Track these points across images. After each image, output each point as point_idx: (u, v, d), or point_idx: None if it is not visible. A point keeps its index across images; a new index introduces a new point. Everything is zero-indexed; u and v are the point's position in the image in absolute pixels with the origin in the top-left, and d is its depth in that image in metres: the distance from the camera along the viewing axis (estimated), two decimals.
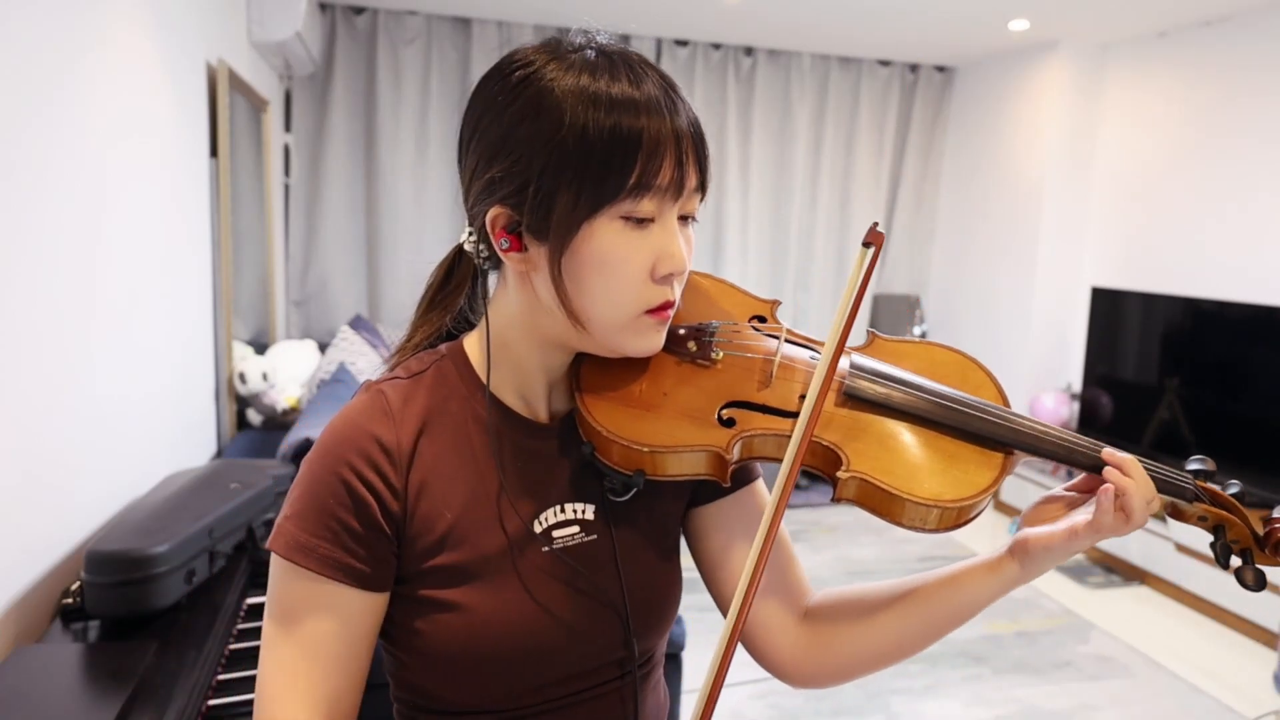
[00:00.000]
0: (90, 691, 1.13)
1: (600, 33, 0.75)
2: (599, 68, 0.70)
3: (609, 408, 0.77)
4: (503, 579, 0.75)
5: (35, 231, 1.42)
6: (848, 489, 0.74)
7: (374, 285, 4.52)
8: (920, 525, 0.74)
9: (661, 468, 0.76)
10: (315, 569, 0.71)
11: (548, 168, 0.68)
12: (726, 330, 0.83)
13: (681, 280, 0.76)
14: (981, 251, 4.94)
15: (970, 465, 0.76)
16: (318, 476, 0.73)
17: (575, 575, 0.77)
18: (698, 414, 0.77)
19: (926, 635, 0.80)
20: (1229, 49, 3.79)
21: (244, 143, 3.18)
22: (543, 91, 0.69)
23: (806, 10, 4.01)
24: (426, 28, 4.40)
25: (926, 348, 0.87)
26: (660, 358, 0.81)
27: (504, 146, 0.71)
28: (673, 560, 0.84)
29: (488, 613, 0.74)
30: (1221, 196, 3.81)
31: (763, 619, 0.86)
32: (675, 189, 0.71)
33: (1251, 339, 3.59)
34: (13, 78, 1.34)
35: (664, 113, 0.69)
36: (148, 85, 2.04)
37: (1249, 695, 2.85)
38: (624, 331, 0.74)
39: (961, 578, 0.79)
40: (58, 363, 1.51)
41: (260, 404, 3.02)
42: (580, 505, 0.80)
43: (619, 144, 0.67)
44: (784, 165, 4.99)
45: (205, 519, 1.49)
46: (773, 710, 2.65)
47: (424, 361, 0.81)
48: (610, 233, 0.70)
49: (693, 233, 0.77)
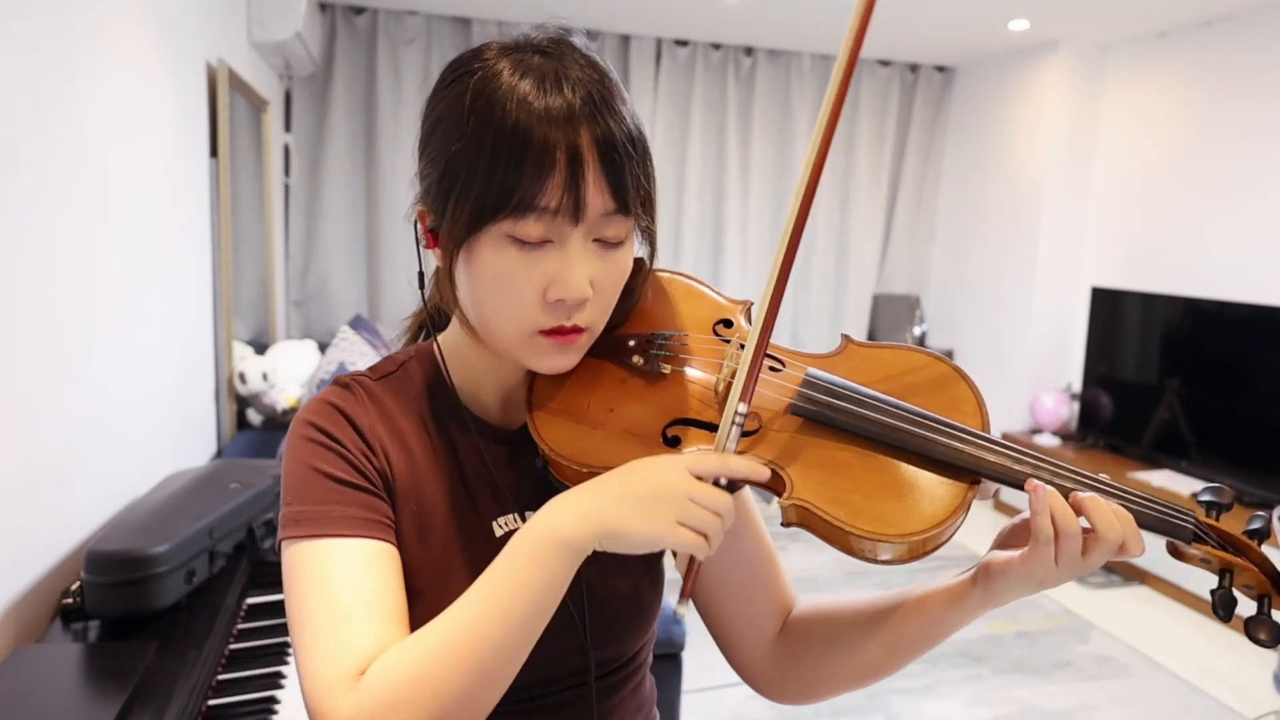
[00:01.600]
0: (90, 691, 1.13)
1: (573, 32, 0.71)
2: (526, 69, 0.65)
3: (557, 424, 0.73)
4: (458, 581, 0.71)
5: (35, 231, 1.42)
6: (790, 514, 0.69)
7: (374, 285, 4.52)
8: (871, 558, 0.69)
9: None
10: (333, 532, 0.68)
11: (446, 172, 0.66)
12: (674, 342, 0.78)
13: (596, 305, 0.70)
14: (981, 251, 4.94)
15: (928, 493, 0.69)
16: (300, 451, 0.72)
17: None
18: (643, 432, 0.73)
19: (894, 658, 0.78)
20: (1229, 49, 3.79)
21: (244, 143, 3.18)
22: (462, 92, 0.66)
23: (806, 10, 4.01)
24: (426, 28, 4.40)
25: (904, 354, 0.79)
26: (609, 370, 0.76)
27: (427, 143, 0.70)
28: (640, 570, 0.81)
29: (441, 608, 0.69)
30: (1221, 196, 3.81)
31: (743, 630, 0.85)
32: (571, 213, 0.64)
33: (1251, 339, 3.59)
34: (13, 78, 1.34)
35: (561, 126, 0.63)
36: (148, 85, 2.04)
37: (1249, 695, 2.85)
38: (520, 347, 0.70)
39: (926, 601, 0.76)
40: (58, 362, 1.51)
41: (260, 404, 3.02)
42: None
43: (504, 153, 0.63)
44: (784, 165, 4.99)
45: (205, 519, 1.49)
46: (773, 710, 2.65)
47: (394, 362, 0.81)
48: (496, 249, 0.66)
49: (620, 257, 0.70)
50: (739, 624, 0.84)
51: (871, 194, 5.17)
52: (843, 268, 5.21)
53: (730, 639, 0.85)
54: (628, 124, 0.67)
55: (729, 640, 0.86)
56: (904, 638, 0.77)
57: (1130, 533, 0.66)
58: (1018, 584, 0.69)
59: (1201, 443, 3.76)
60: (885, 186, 5.21)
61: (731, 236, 4.93)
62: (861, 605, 0.80)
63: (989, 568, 0.72)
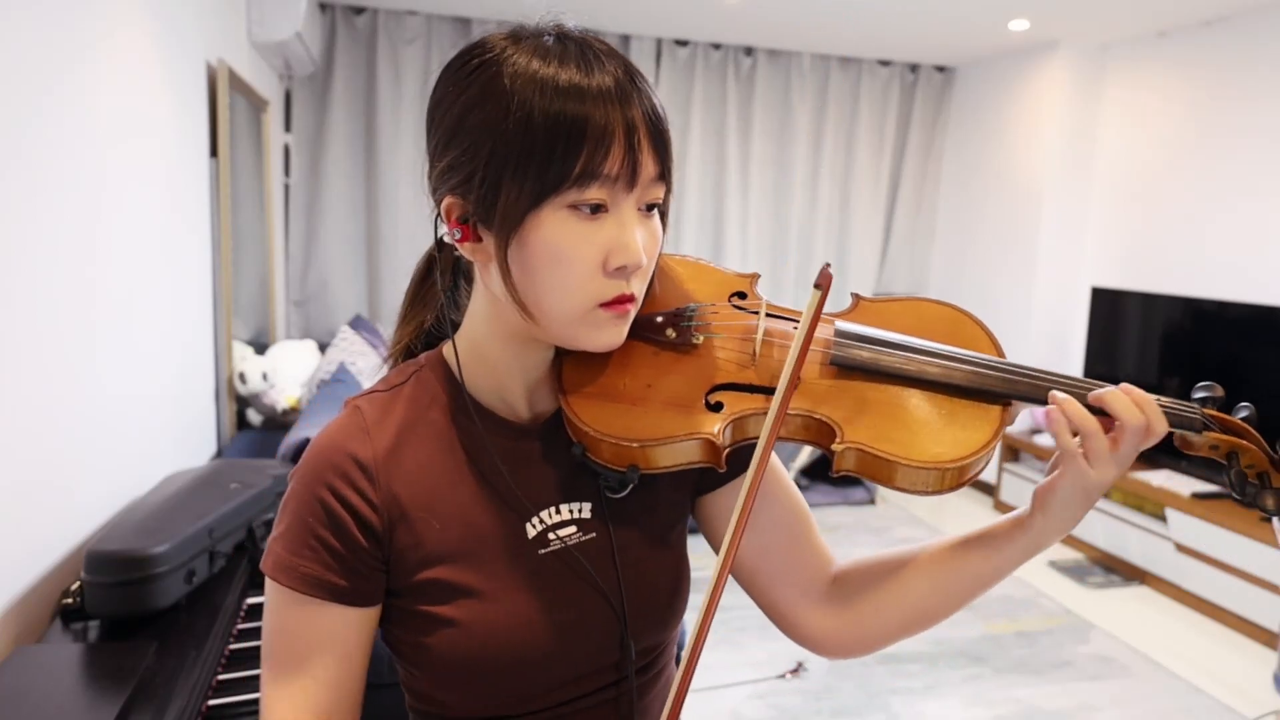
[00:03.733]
0: (90, 691, 1.13)
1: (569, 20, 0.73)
2: (552, 54, 0.67)
3: (594, 406, 0.75)
4: (499, 587, 0.74)
5: (35, 231, 1.42)
6: (845, 460, 0.73)
7: (374, 285, 4.52)
8: (922, 488, 0.73)
9: (654, 461, 0.74)
10: (299, 588, 0.72)
11: (493, 156, 0.67)
12: (704, 312, 0.80)
13: (643, 273, 0.73)
14: (981, 251, 4.94)
15: (968, 422, 0.74)
16: (299, 496, 0.74)
17: (574, 575, 0.76)
18: (684, 402, 0.75)
19: (952, 600, 0.80)
20: (1229, 49, 3.79)
21: (244, 143, 3.18)
22: (493, 78, 0.67)
23: (806, 10, 4.01)
24: (426, 28, 4.40)
25: (914, 304, 0.84)
26: (640, 348, 0.78)
27: (456, 134, 0.70)
28: (676, 551, 0.83)
29: (487, 624, 0.73)
30: (1221, 196, 3.81)
31: (790, 592, 0.85)
32: (628, 178, 0.68)
33: (1251, 339, 3.59)
34: (13, 77, 1.34)
35: (615, 100, 0.66)
36: (148, 85, 2.03)
37: (1249, 695, 2.85)
38: (578, 325, 0.71)
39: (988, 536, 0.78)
40: (58, 362, 1.51)
41: (260, 404, 3.02)
42: (575, 504, 0.79)
43: (563, 131, 0.65)
44: (784, 165, 4.99)
45: (205, 519, 1.49)
46: (773, 710, 2.65)
47: (404, 373, 0.81)
48: (557, 223, 0.67)
49: (658, 224, 0.74)
50: (785, 584, 0.85)
51: (871, 194, 5.16)
52: (843, 268, 5.21)
53: (777, 602, 0.86)
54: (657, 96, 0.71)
55: (776, 603, 0.86)
56: (965, 576, 0.79)
57: (1152, 413, 0.72)
58: (1068, 498, 0.73)
59: None
60: (885, 186, 5.21)
61: (731, 236, 4.93)
62: (917, 550, 0.82)
63: (1038, 494, 0.75)
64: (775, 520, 0.85)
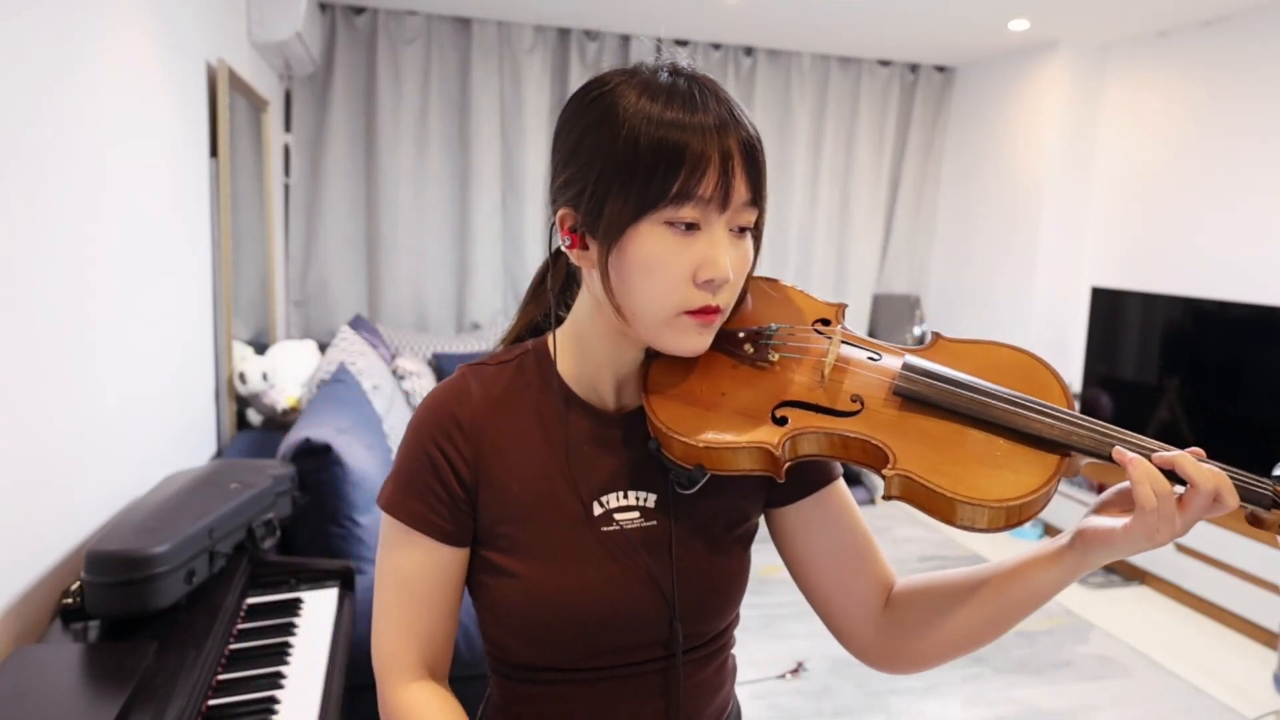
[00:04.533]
0: (90, 691, 1.13)
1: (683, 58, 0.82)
2: (660, 90, 0.76)
3: (671, 406, 0.82)
4: (559, 551, 0.83)
5: (35, 231, 1.42)
6: (894, 486, 0.76)
7: (374, 285, 4.52)
8: (970, 524, 0.75)
9: (718, 463, 0.79)
10: (406, 521, 0.84)
11: (603, 174, 0.76)
12: (783, 333, 0.87)
13: (730, 288, 0.80)
14: (981, 251, 4.94)
15: (1022, 466, 0.76)
16: (409, 445, 0.86)
17: (629, 556, 0.84)
18: (753, 412, 0.81)
19: (996, 625, 0.84)
20: (1229, 49, 3.79)
21: (244, 143, 3.18)
22: (609, 108, 0.76)
23: (806, 10, 4.01)
24: (426, 28, 4.40)
25: (991, 349, 0.87)
26: (720, 360, 0.85)
27: (574, 154, 0.79)
28: (733, 553, 0.89)
29: (542, 580, 0.82)
30: (1221, 196, 3.81)
31: (849, 607, 0.91)
32: (720, 200, 0.76)
33: (1251, 339, 3.59)
34: (13, 77, 1.34)
35: (713, 133, 0.74)
36: (148, 85, 2.03)
37: (1249, 695, 2.85)
38: (664, 329, 0.79)
39: (1024, 567, 0.81)
40: (58, 363, 1.51)
41: (260, 404, 3.02)
42: (643, 494, 0.86)
43: (664, 155, 0.73)
44: (784, 165, 4.99)
45: (205, 519, 1.49)
46: (773, 710, 2.65)
47: (511, 353, 0.91)
48: (654, 236, 0.76)
49: (749, 246, 0.82)
50: (844, 602, 0.91)
51: (871, 194, 5.16)
52: (843, 268, 5.21)
53: (836, 616, 0.92)
54: (755, 129, 0.79)
55: (835, 617, 0.92)
56: (1005, 603, 0.82)
57: (1224, 484, 0.72)
58: (1116, 549, 0.75)
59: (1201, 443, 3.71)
60: (885, 186, 5.21)
61: None
62: (962, 576, 0.86)
63: (1085, 535, 0.77)
64: (838, 543, 0.91)
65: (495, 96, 4.51)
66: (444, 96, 4.48)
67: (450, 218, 4.59)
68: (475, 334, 4.52)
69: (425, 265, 4.56)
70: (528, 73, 4.53)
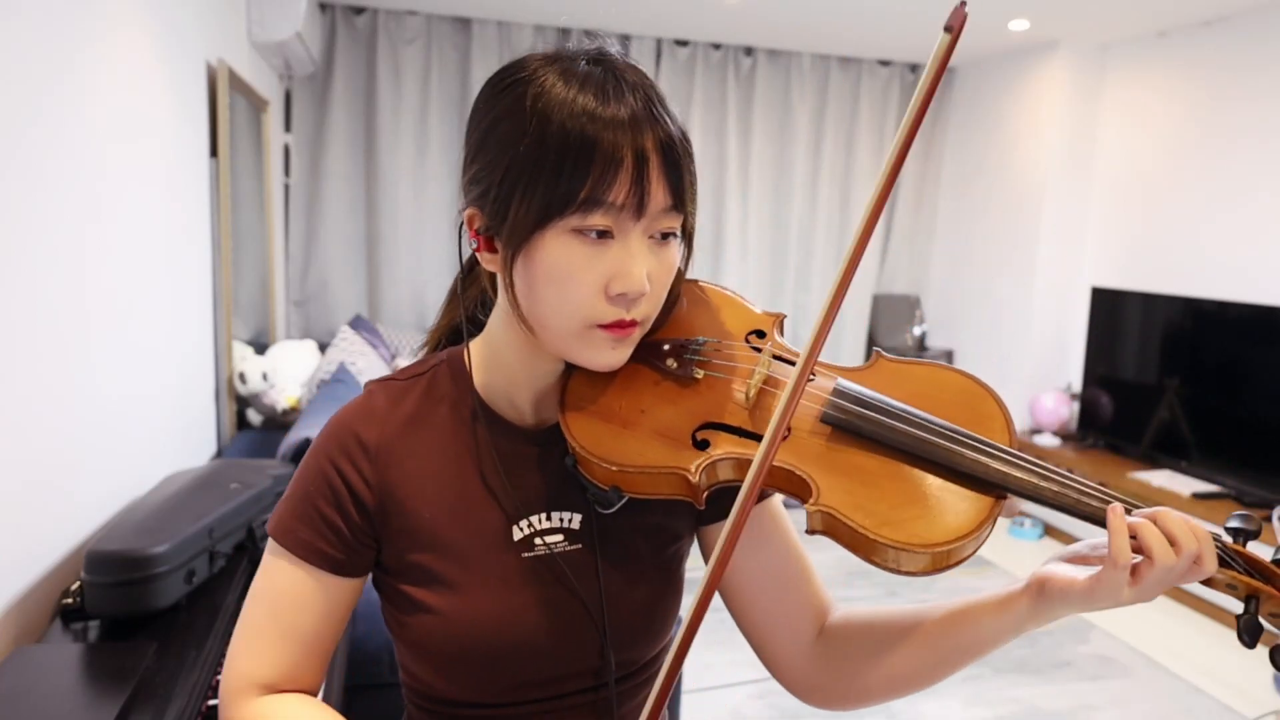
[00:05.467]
0: (90, 691, 1.13)
1: (610, 41, 0.74)
2: (577, 78, 0.69)
3: (588, 423, 0.76)
4: (477, 579, 0.77)
5: (35, 231, 1.42)
6: (815, 521, 0.70)
7: (374, 285, 4.52)
8: (894, 568, 0.69)
9: (633, 486, 0.74)
10: (292, 549, 0.77)
11: (508, 172, 0.69)
12: (710, 348, 0.80)
13: (649, 300, 0.73)
14: (981, 251, 4.94)
15: (953, 507, 0.69)
16: (307, 467, 0.79)
17: (553, 582, 0.78)
18: (672, 434, 0.75)
19: (936, 669, 0.78)
20: (1229, 49, 3.79)
21: (244, 143, 3.18)
22: (519, 97, 0.69)
23: (806, 10, 4.01)
24: (426, 28, 4.40)
25: (934, 371, 0.80)
26: (642, 373, 0.79)
27: (481, 148, 0.72)
28: (665, 574, 0.83)
29: (461, 611, 0.76)
30: (1221, 196, 3.81)
31: (777, 633, 0.85)
32: (634, 207, 0.68)
33: (1251, 339, 3.59)
34: (12, 77, 1.34)
35: (626, 129, 0.67)
36: (148, 85, 2.03)
37: (1249, 695, 2.85)
38: (574, 341, 0.73)
39: (971, 612, 0.76)
40: (58, 363, 1.51)
41: (260, 404, 3.02)
42: (566, 514, 0.80)
43: (571, 153, 0.66)
44: (784, 165, 4.99)
45: (205, 519, 1.49)
46: (772, 710, 2.65)
47: (423, 365, 0.84)
48: (561, 245, 0.69)
49: (672, 252, 0.74)
50: (773, 628, 0.85)
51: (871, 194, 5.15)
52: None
53: (765, 643, 0.86)
54: (678, 125, 0.71)
55: (763, 644, 0.86)
56: (948, 648, 0.77)
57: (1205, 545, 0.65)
58: (1073, 604, 0.69)
59: (1201, 443, 3.76)
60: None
61: (731, 237, 4.93)
62: (906, 613, 0.81)
63: (1045, 584, 0.70)
64: (767, 564, 0.85)
65: None
66: (444, 96, 4.48)
67: (450, 218, 4.58)
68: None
69: (425, 265, 4.56)
70: None
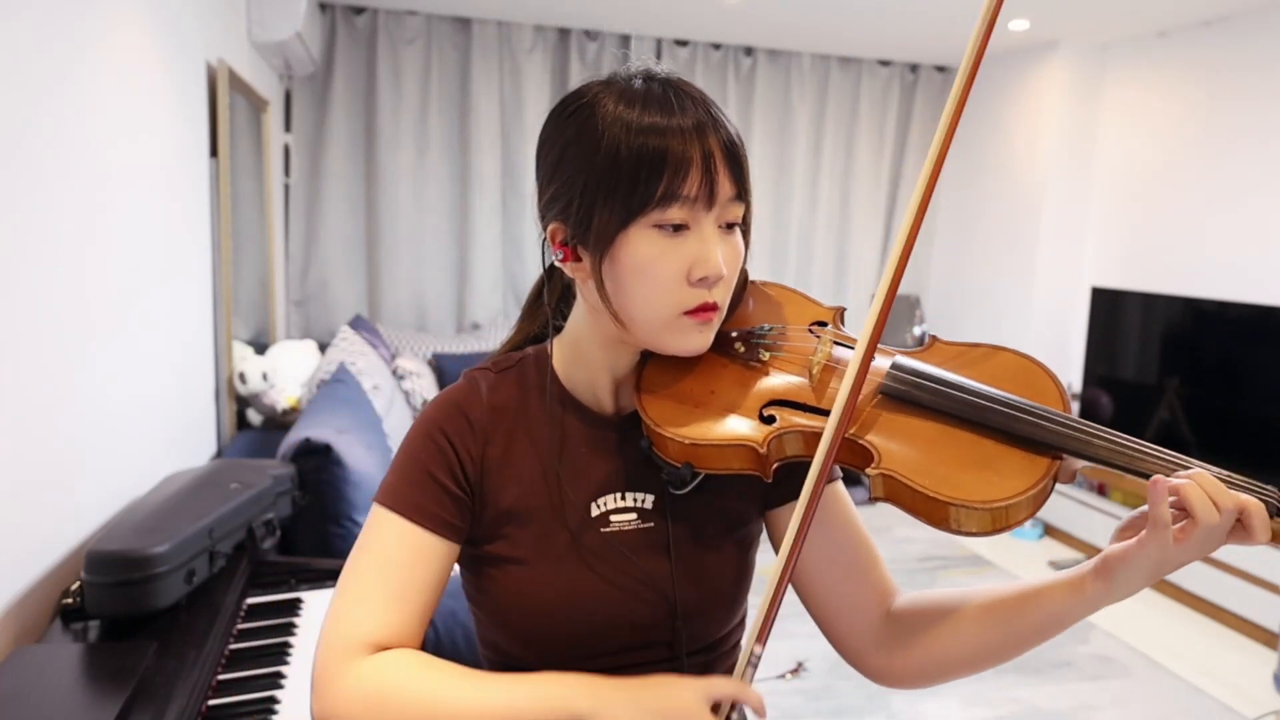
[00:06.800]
0: (90, 691, 1.13)
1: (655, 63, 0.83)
2: (636, 97, 0.78)
3: (662, 404, 0.82)
4: (556, 553, 0.84)
5: (35, 231, 1.42)
6: (878, 486, 0.75)
7: (374, 285, 4.52)
8: (956, 527, 0.73)
9: (705, 460, 0.80)
10: (406, 513, 0.82)
11: (587, 185, 0.77)
12: (774, 333, 0.88)
13: (724, 284, 0.80)
14: (981, 251, 4.94)
15: (1010, 468, 0.74)
16: (416, 438, 0.85)
17: (626, 557, 0.84)
18: (741, 410, 0.81)
19: (1007, 647, 0.82)
20: (1229, 49, 3.79)
21: (244, 143, 3.18)
22: (587, 120, 0.78)
23: (806, 10, 4.01)
24: (426, 28, 4.40)
25: (988, 351, 0.86)
26: (711, 359, 0.86)
27: (557, 169, 0.81)
28: (733, 555, 0.89)
29: (540, 580, 0.83)
30: (1221, 196, 3.81)
31: (847, 613, 0.89)
32: (706, 199, 0.77)
33: (1251, 339, 3.59)
34: (13, 77, 1.34)
35: (692, 134, 0.76)
36: (148, 85, 2.03)
37: (1249, 695, 2.85)
38: (665, 331, 0.80)
39: (1044, 593, 0.79)
40: (57, 363, 1.51)
41: (260, 404, 3.02)
42: (640, 495, 0.87)
43: (645, 161, 0.75)
44: (784, 165, 4.99)
45: (205, 519, 1.49)
46: (773, 710, 2.65)
47: (512, 359, 0.93)
48: (644, 241, 0.77)
49: (739, 240, 0.82)
50: (841, 610, 0.89)
51: (871, 194, 5.16)
52: (843, 267, 5.21)
53: (833, 624, 0.90)
54: (735, 128, 0.81)
55: (832, 625, 0.91)
56: (1022, 627, 0.80)
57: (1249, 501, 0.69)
58: (1135, 569, 0.72)
59: (1201, 442, 3.76)
60: (885, 186, 5.21)
61: None
62: (979, 593, 0.85)
63: (1107, 558, 0.74)
64: (832, 550, 0.90)
65: (495, 96, 4.51)
66: (444, 96, 4.48)
67: (450, 218, 4.59)
68: (475, 334, 4.52)
69: (425, 265, 4.56)
70: (528, 73, 4.53)
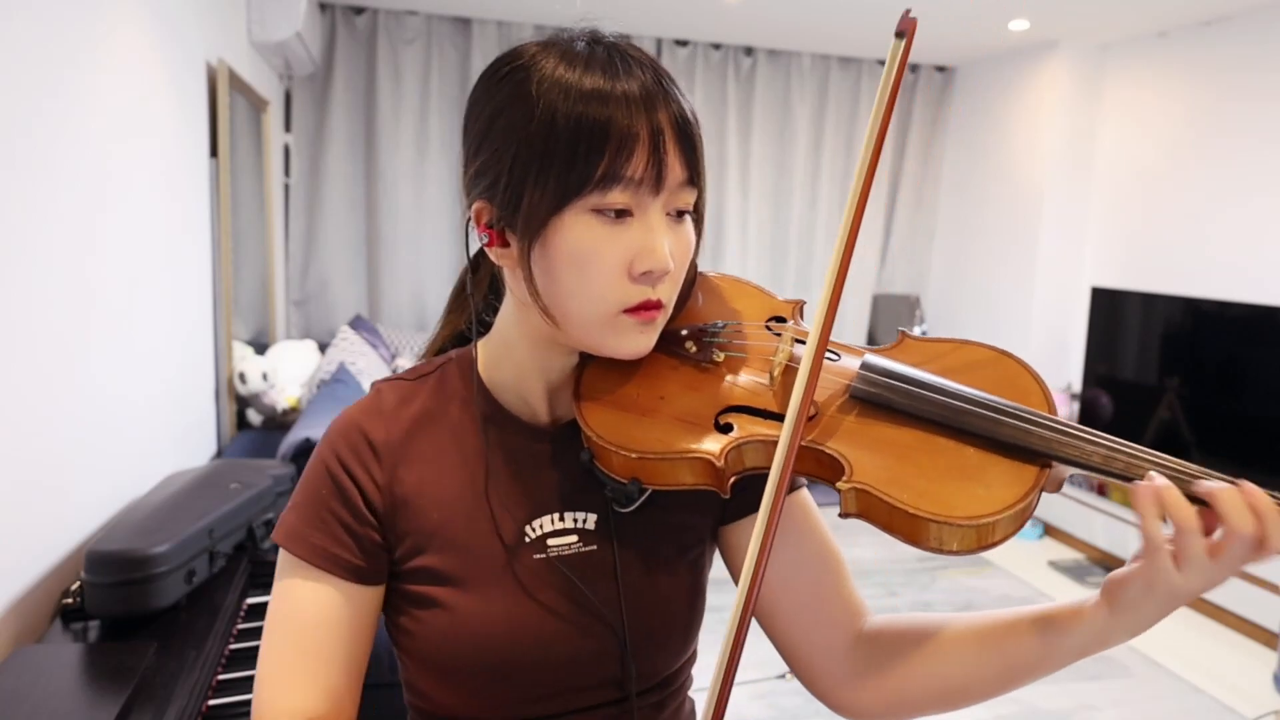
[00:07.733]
0: (90, 691, 1.13)
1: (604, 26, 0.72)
2: (579, 59, 0.67)
3: (605, 413, 0.72)
4: (488, 583, 0.73)
5: (35, 231, 1.42)
6: (849, 501, 0.66)
7: (374, 285, 4.52)
8: (936, 546, 0.64)
9: (654, 476, 0.70)
10: (307, 558, 0.73)
11: (517, 160, 0.66)
12: (729, 330, 0.78)
13: (671, 279, 0.70)
14: (981, 251, 4.94)
15: (995, 478, 0.65)
16: (315, 469, 0.76)
17: (568, 586, 0.74)
18: (695, 419, 0.71)
19: (1002, 680, 0.71)
20: (1229, 49, 3.79)
21: (244, 143, 3.18)
22: (521, 83, 0.67)
23: (806, 10, 4.01)
24: (426, 28, 4.40)
25: (962, 347, 0.76)
26: (661, 360, 0.76)
27: (485, 139, 0.70)
28: (685, 577, 0.79)
29: (470, 616, 0.72)
30: (1221, 196, 3.81)
31: (808, 637, 0.79)
32: (653, 181, 0.66)
33: (1251, 339, 3.58)
34: (13, 77, 1.34)
35: (640, 105, 0.65)
36: (148, 85, 2.03)
37: (1249, 695, 2.85)
38: (601, 331, 0.70)
39: (1047, 619, 0.69)
40: (58, 363, 1.51)
41: (260, 404, 3.02)
42: (581, 514, 0.76)
43: (585, 133, 0.64)
44: (784, 165, 4.99)
45: (205, 519, 1.49)
46: (773, 710, 2.64)
47: (432, 364, 0.82)
48: (580, 226, 0.66)
49: (689, 230, 0.72)
50: (805, 633, 0.79)
51: (871, 194, 5.15)
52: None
53: (796, 649, 0.80)
54: (688, 101, 0.70)
55: (794, 650, 0.81)
56: (1018, 657, 0.70)
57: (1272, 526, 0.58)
58: (1139, 598, 0.62)
59: (1202, 443, 3.76)
60: (885, 186, 5.21)
61: (731, 236, 4.94)
62: (966, 621, 0.75)
63: (1109, 586, 0.65)
64: (797, 563, 0.79)
65: None
66: (444, 96, 4.48)
67: (450, 218, 4.59)
68: None
69: (425, 265, 4.56)
70: None
